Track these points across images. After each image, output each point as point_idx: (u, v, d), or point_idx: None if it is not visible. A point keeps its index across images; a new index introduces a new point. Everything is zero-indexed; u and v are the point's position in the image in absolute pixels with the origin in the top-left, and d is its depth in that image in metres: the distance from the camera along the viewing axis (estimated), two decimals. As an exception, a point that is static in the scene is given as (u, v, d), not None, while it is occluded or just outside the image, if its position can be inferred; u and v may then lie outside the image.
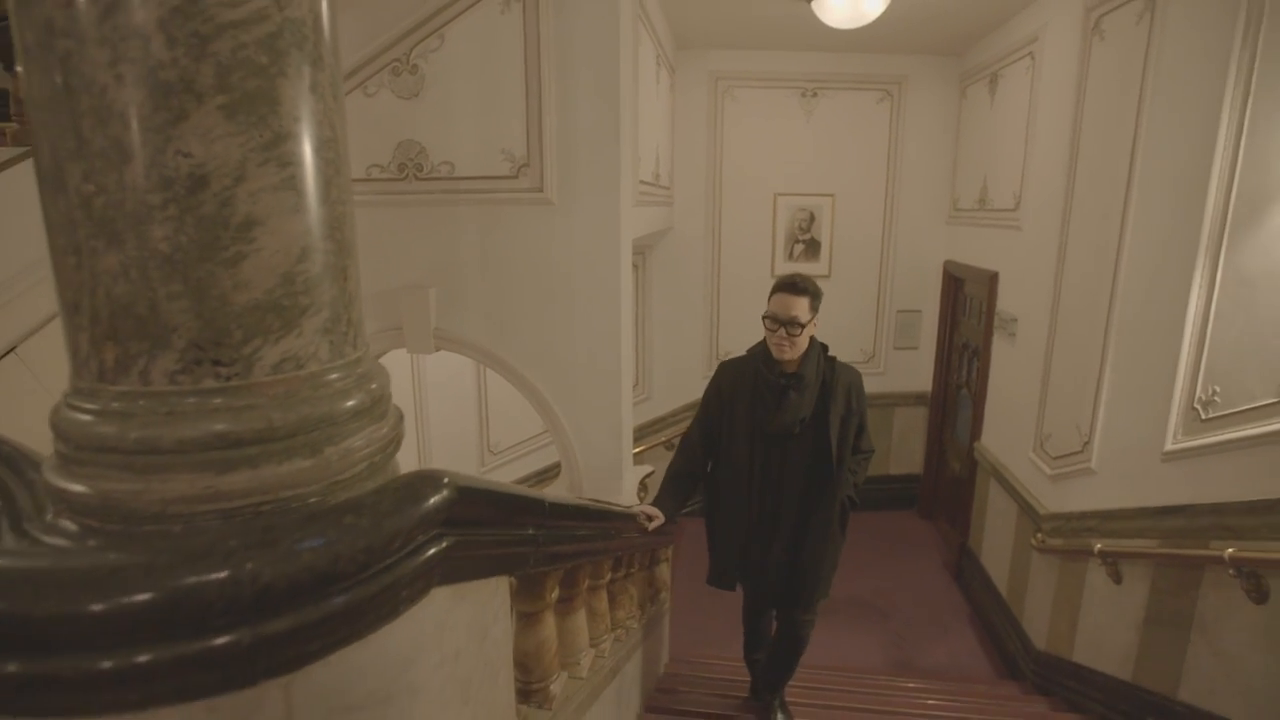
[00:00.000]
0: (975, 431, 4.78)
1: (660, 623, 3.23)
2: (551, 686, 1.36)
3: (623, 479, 3.23)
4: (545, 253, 3.05)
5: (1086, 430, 3.24)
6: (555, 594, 1.33)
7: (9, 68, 2.40)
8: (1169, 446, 2.59)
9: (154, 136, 0.62)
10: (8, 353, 2.36)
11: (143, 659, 0.54)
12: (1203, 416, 2.44)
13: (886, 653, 4.17)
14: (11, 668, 0.53)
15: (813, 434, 2.29)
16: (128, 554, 0.58)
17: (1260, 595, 2.08)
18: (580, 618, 1.64)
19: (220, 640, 0.57)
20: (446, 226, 3.04)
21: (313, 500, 0.70)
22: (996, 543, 4.34)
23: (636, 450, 4.88)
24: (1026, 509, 3.81)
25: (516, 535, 1.02)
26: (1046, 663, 3.51)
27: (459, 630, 0.84)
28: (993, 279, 4.52)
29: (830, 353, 2.36)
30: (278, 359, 0.70)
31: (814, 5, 3.82)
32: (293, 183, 0.69)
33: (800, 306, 2.17)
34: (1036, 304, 3.84)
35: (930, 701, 3.20)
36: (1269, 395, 2.15)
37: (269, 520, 0.63)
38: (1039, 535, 3.57)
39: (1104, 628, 3.01)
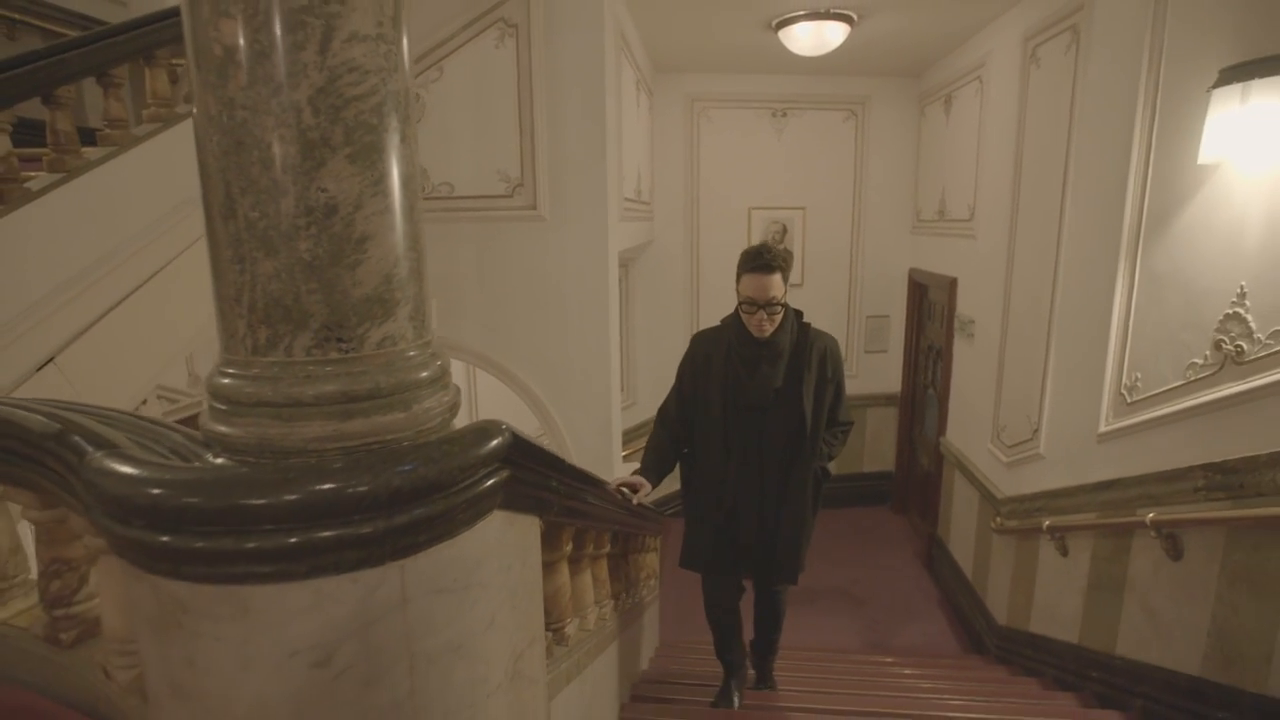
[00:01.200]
0: (941, 427, 5.10)
1: (651, 606, 3.47)
2: (567, 628, 1.59)
3: (613, 474, 3.48)
4: (539, 265, 3.31)
5: (1035, 419, 3.55)
6: (569, 548, 1.57)
7: (46, 101, 2.61)
8: (1102, 429, 2.91)
9: (302, 178, 0.87)
10: (46, 363, 2.55)
11: (318, 535, 0.79)
12: (1128, 400, 2.75)
13: (863, 636, 4.43)
14: (228, 543, 0.78)
15: (787, 405, 2.24)
16: (301, 469, 0.82)
17: (1177, 553, 2.39)
18: (586, 578, 1.88)
19: (364, 529, 0.82)
20: (446, 242, 3.29)
21: (406, 442, 0.95)
22: (962, 530, 4.65)
23: (624, 454, 5.12)
24: (987, 496, 4.12)
25: (545, 483, 1.26)
26: (1008, 636, 3.80)
27: (509, 548, 1.09)
28: (952, 284, 4.86)
29: (805, 319, 2.31)
30: (380, 338, 0.95)
31: (781, 35, 4.14)
32: (391, 208, 0.94)
33: (776, 285, 2.13)
34: (990, 307, 4.18)
35: (906, 673, 3.47)
36: (1177, 379, 2.47)
37: (387, 451, 0.88)
38: (998, 519, 3.87)
39: (1054, 598, 3.31)
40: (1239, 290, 2.18)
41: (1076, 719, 2.60)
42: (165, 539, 0.80)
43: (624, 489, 2.22)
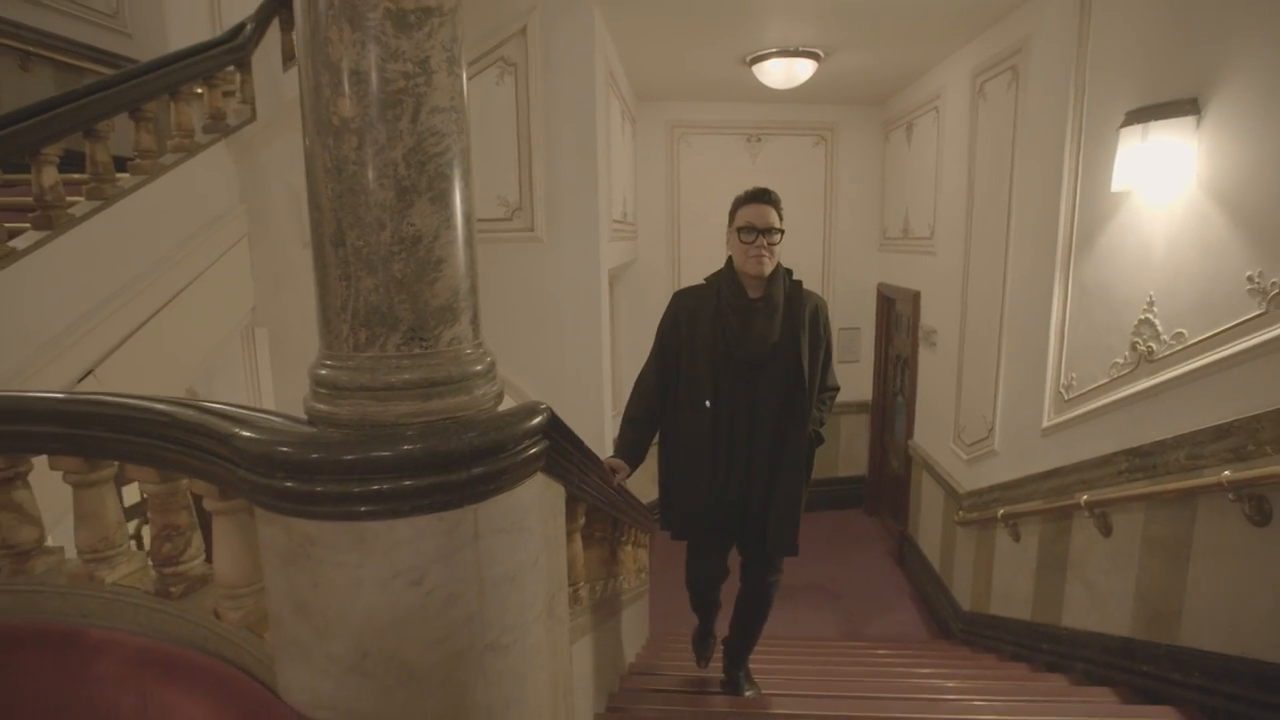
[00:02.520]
0: (908, 431, 5.44)
1: (643, 598, 3.73)
2: (580, 590, 1.86)
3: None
4: (536, 283, 3.59)
5: (991, 419, 3.90)
6: (582, 520, 1.84)
7: (86, 134, 2.85)
8: (1045, 424, 3.25)
9: (396, 216, 1.15)
10: (86, 374, 2.77)
11: (420, 481, 1.06)
12: (1066, 398, 3.10)
13: (839, 627, 4.72)
14: (352, 488, 1.05)
15: (782, 360, 2.15)
16: (404, 432, 1.09)
17: (1107, 530, 2.72)
18: (593, 554, 2.15)
19: (452, 477, 1.09)
20: (450, 261, 3.55)
21: (470, 420, 1.22)
22: (929, 526, 4.98)
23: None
24: (950, 492, 4.45)
25: (569, 458, 1.54)
26: (971, 620, 4.11)
27: (545, 506, 1.36)
28: (916, 297, 5.23)
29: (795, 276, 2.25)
30: (450, 338, 1.22)
31: (754, 70, 4.50)
32: (458, 238, 1.23)
33: (775, 216, 2.10)
34: (950, 317, 4.54)
35: (880, 653, 3.77)
36: (1104, 377, 2.81)
37: (462, 422, 1.16)
38: (960, 512, 4.20)
39: (1010, 580, 3.63)
40: (1149, 299, 2.53)
41: (1025, 681, 2.90)
42: (300, 486, 1.07)
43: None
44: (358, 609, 1.10)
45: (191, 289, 3.31)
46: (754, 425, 2.18)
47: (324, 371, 1.21)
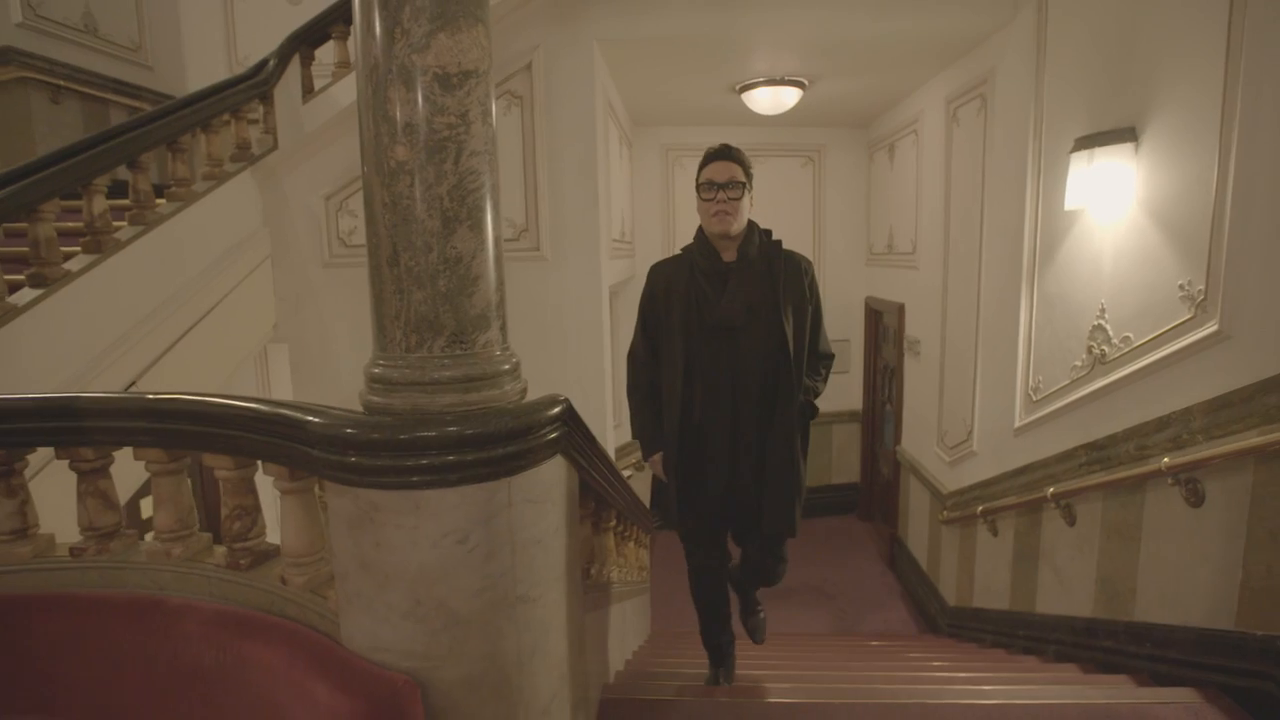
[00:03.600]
0: (896, 438, 5.68)
1: (644, 594, 3.94)
2: (591, 569, 2.08)
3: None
4: (541, 299, 3.84)
5: (970, 422, 4.14)
6: (592, 505, 2.06)
7: (131, 165, 3.10)
8: (1016, 425, 3.49)
9: (441, 240, 1.40)
10: (130, 385, 3.00)
11: (465, 456, 1.29)
12: (1034, 399, 3.35)
13: (833, 625, 4.93)
14: (409, 462, 1.28)
15: (763, 324, 2.02)
16: (451, 417, 1.33)
17: (1071, 519, 2.95)
18: (600, 541, 2.37)
19: (492, 453, 1.33)
20: (461, 279, 3.81)
21: (503, 408, 1.46)
22: (917, 528, 5.20)
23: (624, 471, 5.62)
24: (935, 494, 4.68)
25: (580, 445, 1.78)
26: (956, 614, 4.33)
27: (564, 484, 1.59)
28: (901, 309, 5.49)
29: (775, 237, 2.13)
30: (484, 342, 1.46)
31: (744, 97, 4.79)
32: (490, 259, 1.47)
33: (737, 170, 2.03)
34: (932, 327, 4.79)
35: (873, 644, 3.99)
36: (1065, 379, 3.06)
37: (497, 409, 1.39)
38: (944, 512, 4.43)
39: (990, 574, 3.86)
40: (1101, 307, 2.78)
41: (1003, 663, 3.12)
42: (364, 460, 1.30)
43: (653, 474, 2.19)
44: (413, 564, 1.34)
45: (221, 306, 3.55)
46: (736, 394, 2.05)
47: (378, 370, 1.45)
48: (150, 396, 1.63)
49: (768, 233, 2.16)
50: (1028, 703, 2.06)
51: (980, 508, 3.78)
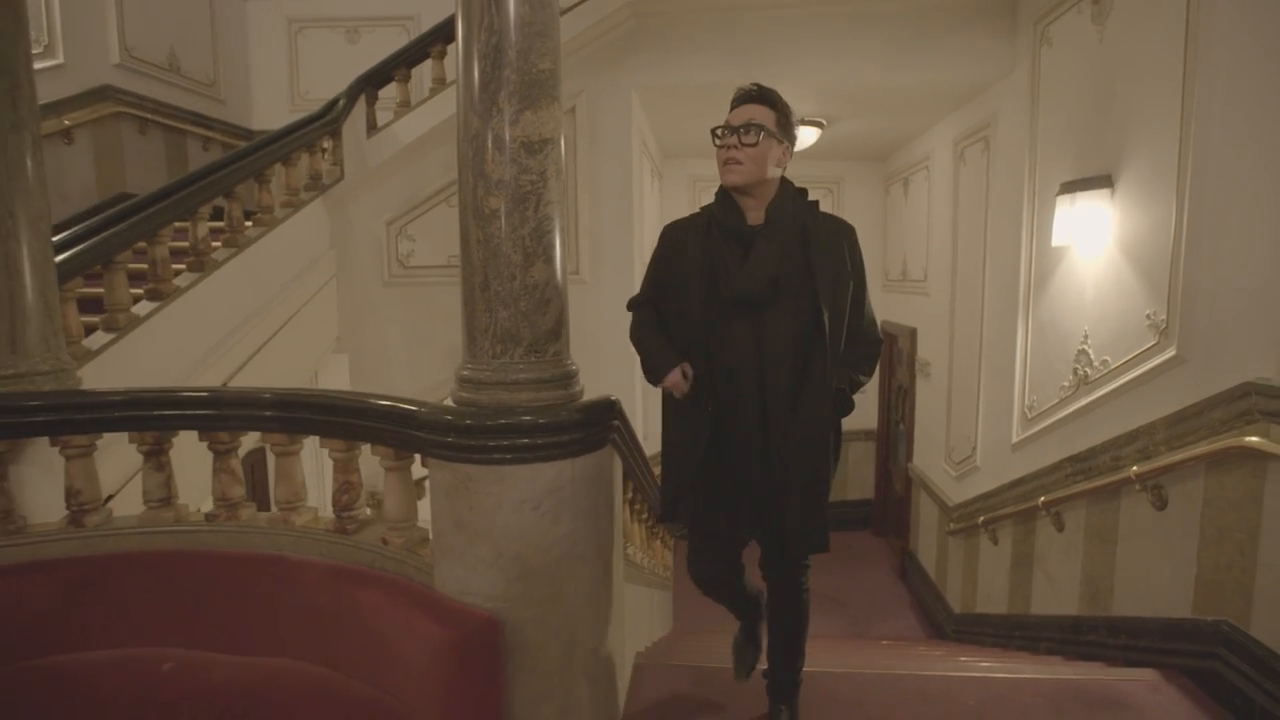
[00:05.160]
0: (908, 455, 5.96)
1: (667, 590, 4.26)
2: (628, 549, 2.42)
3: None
4: (579, 319, 4.15)
5: (974, 439, 4.43)
6: (630, 494, 2.41)
7: (227, 196, 3.55)
8: (1014, 440, 3.79)
9: (522, 271, 1.77)
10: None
11: (539, 440, 1.66)
12: (1029, 416, 3.64)
13: (846, 630, 5.19)
14: (493, 443, 1.65)
15: (792, 300, 1.71)
16: (529, 409, 1.70)
17: (1060, 525, 3.24)
18: (636, 528, 2.72)
19: (560, 439, 1.69)
20: (507, 298, 4.21)
21: (567, 404, 1.83)
22: (927, 540, 5.46)
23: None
24: (943, 507, 4.95)
25: (627, 440, 2.14)
26: (961, 620, 4.58)
27: (613, 469, 1.95)
28: (913, 333, 5.80)
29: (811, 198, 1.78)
30: (554, 351, 1.83)
31: (766, 134, 5.18)
32: (558, 285, 1.84)
33: (760, 112, 1.70)
34: (940, 350, 5.10)
35: (884, 642, 4.27)
36: (1055, 398, 3.36)
37: (564, 405, 1.76)
38: (950, 523, 4.70)
39: (991, 580, 4.12)
40: (1084, 334, 3.09)
41: (999, 658, 3.39)
42: (461, 440, 1.67)
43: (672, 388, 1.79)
44: (497, 524, 1.70)
45: (294, 320, 3.98)
46: (762, 379, 1.75)
47: (466, 373, 1.82)
48: (280, 389, 2.03)
49: (803, 192, 1.83)
50: (1009, 676, 2.36)
51: (982, 518, 4.06)
